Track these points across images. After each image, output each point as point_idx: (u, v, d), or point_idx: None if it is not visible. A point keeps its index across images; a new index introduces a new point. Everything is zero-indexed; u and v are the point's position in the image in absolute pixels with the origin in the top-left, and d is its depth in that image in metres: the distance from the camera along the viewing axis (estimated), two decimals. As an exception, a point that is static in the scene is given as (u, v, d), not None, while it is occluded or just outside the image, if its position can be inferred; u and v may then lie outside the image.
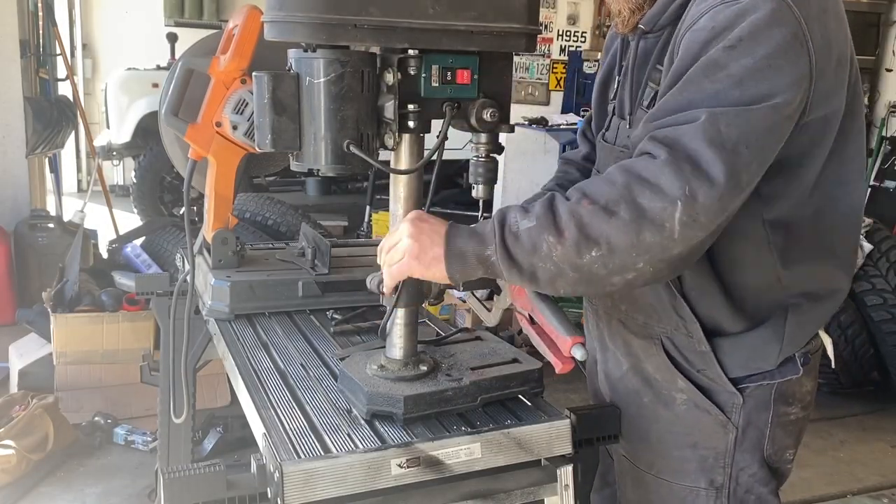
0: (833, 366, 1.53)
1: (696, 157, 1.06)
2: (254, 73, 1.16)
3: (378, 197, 7.03)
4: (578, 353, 1.15)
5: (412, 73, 1.18)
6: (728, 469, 1.37)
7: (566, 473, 1.29)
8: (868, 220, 3.95)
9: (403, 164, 1.26)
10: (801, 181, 1.25)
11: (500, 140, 1.29)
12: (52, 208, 5.77)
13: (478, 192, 1.31)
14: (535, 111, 7.00)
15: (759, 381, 1.34)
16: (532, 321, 1.22)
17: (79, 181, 8.92)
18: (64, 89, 6.04)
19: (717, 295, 1.31)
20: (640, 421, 1.43)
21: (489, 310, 1.31)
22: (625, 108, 1.40)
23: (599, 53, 7.39)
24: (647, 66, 1.33)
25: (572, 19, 7.22)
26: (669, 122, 1.11)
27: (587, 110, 8.37)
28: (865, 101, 1.28)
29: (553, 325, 1.18)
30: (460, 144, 1.35)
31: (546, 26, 7.10)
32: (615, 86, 1.45)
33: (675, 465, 1.40)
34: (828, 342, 1.42)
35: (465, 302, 3.64)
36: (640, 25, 1.32)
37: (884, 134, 6.89)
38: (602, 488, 1.72)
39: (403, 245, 1.20)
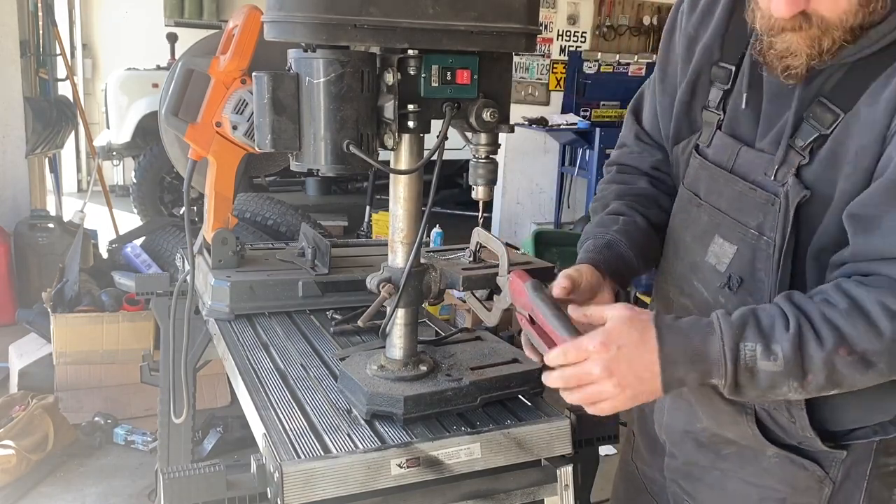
0: None
1: None
2: (254, 73, 1.16)
3: (378, 197, 7.03)
4: None
5: (412, 73, 1.18)
6: None
7: (566, 473, 1.29)
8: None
9: (403, 164, 1.26)
10: None
11: (499, 140, 1.29)
12: (52, 208, 5.78)
13: (478, 193, 1.31)
14: (535, 111, 7.01)
15: (868, 437, 1.20)
16: (532, 321, 1.22)
17: (79, 181, 8.92)
18: (64, 89, 6.04)
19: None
20: (714, 471, 1.30)
21: (489, 310, 1.31)
22: (741, 128, 1.21)
23: (599, 53, 7.41)
24: (797, 95, 1.12)
25: (572, 19, 7.23)
26: None
27: (587, 110, 8.35)
28: None
29: (553, 325, 1.17)
30: (460, 144, 1.34)
31: (546, 26, 7.10)
32: (719, 94, 1.24)
33: None
34: None
35: (465, 302, 3.63)
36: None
37: None
38: None
39: (605, 388, 1.03)
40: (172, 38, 7.09)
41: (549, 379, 1.09)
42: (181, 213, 5.99)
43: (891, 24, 1.04)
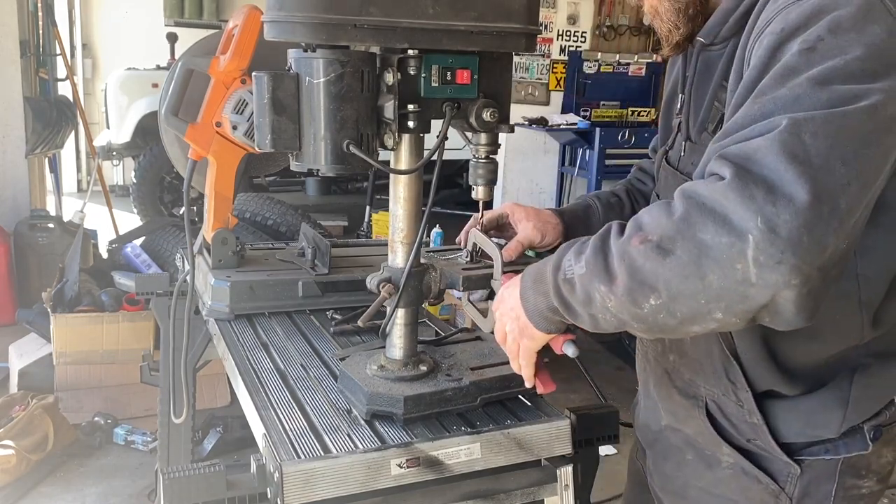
0: None
1: (772, 178, 0.82)
2: (254, 73, 1.16)
3: (378, 197, 7.04)
4: (570, 350, 1.14)
5: (412, 73, 1.18)
6: None
7: (566, 473, 1.29)
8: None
9: (403, 164, 1.26)
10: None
11: (499, 140, 1.29)
12: (52, 208, 5.78)
13: (477, 193, 1.31)
14: (535, 111, 7.01)
15: (819, 455, 1.16)
16: None
17: (79, 181, 8.93)
18: (64, 89, 6.04)
19: (773, 358, 1.14)
20: (679, 475, 1.32)
21: (484, 316, 1.31)
22: (688, 126, 1.25)
23: (599, 53, 7.42)
24: (710, 83, 1.18)
25: (572, 19, 7.23)
26: (740, 137, 0.88)
27: (587, 110, 8.35)
28: None
29: None
30: (460, 144, 1.34)
31: (546, 26, 7.11)
32: (679, 102, 1.29)
33: None
34: None
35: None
36: (699, 38, 1.17)
37: None
38: None
39: (510, 337, 1.16)
40: (172, 38, 7.09)
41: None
42: (181, 213, 5.98)
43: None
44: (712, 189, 0.85)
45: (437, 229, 5.10)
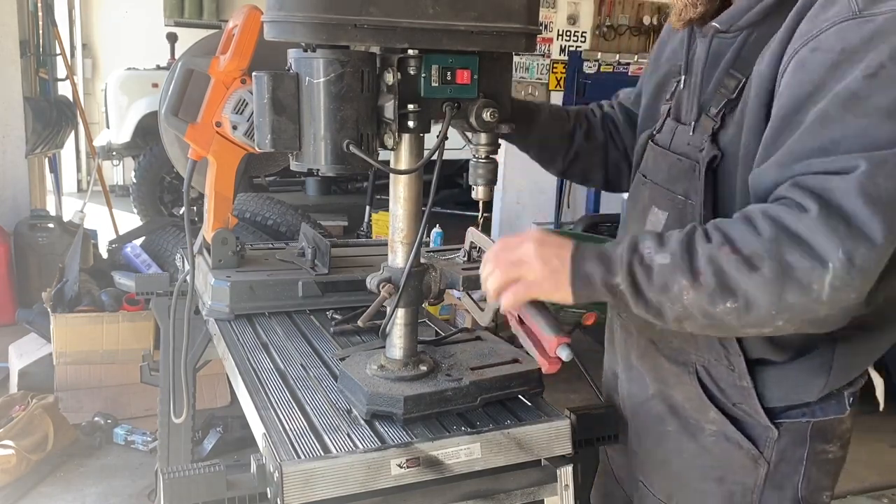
0: (881, 409, 1.39)
1: (853, 216, 0.95)
2: (254, 73, 1.16)
3: (378, 197, 7.03)
4: (564, 354, 1.15)
5: (412, 73, 1.18)
6: None
7: (566, 473, 1.29)
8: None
9: (403, 164, 1.26)
10: None
11: (499, 140, 1.29)
12: (52, 208, 5.78)
13: (477, 193, 1.31)
14: (535, 111, 6.99)
15: (796, 418, 1.26)
16: (521, 321, 1.22)
17: (79, 181, 8.92)
18: (64, 89, 6.04)
19: None
20: (660, 449, 1.37)
21: (483, 310, 1.31)
22: (683, 112, 1.32)
23: (599, 53, 7.41)
24: (716, 70, 1.24)
25: (572, 19, 7.23)
26: (818, 168, 0.99)
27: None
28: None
29: (540, 325, 1.18)
30: (460, 144, 1.34)
31: (546, 26, 7.10)
32: (673, 87, 1.36)
33: (696, 498, 1.34)
34: (878, 383, 1.33)
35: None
36: (714, 24, 1.22)
37: None
38: None
39: (529, 267, 1.13)
40: (172, 38, 7.09)
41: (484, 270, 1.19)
42: (181, 213, 5.98)
43: None
44: (798, 219, 0.97)
45: (437, 229, 5.10)
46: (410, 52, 1.17)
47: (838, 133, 0.99)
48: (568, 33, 7.25)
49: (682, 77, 1.33)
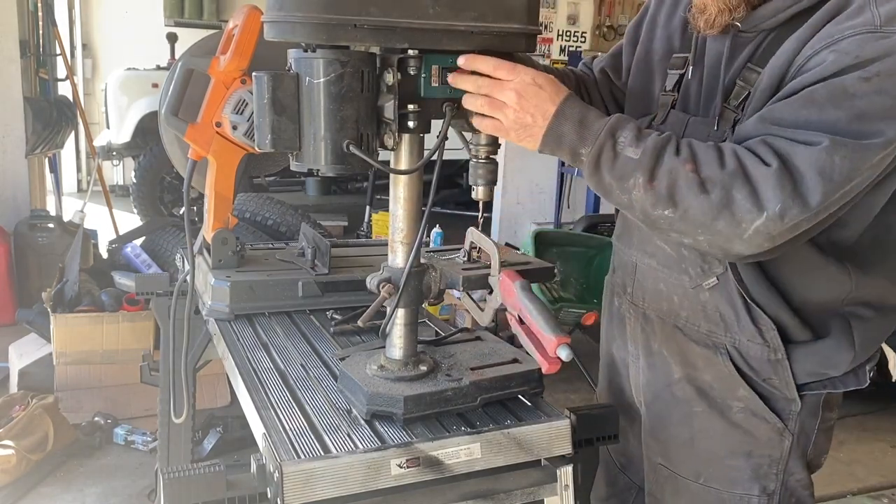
0: (895, 379, 1.53)
1: (801, 180, 1.08)
2: (254, 73, 1.16)
3: (378, 197, 7.03)
4: (564, 354, 1.15)
5: (412, 73, 1.18)
6: (780, 476, 1.38)
7: (566, 473, 1.29)
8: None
9: (403, 164, 1.26)
10: (871, 207, 1.25)
11: (499, 140, 1.29)
12: (52, 208, 5.77)
13: (478, 193, 1.31)
14: (535, 111, 6.99)
15: (817, 390, 1.35)
16: (521, 321, 1.22)
17: (79, 181, 8.92)
18: (64, 89, 6.04)
19: (782, 305, 1.31)
20: (685, 429, 1.42)
21: (482, 310, 1.31)
22: (690, 103, 1.37)
23: (599, 53, 7.42)
24: (732, 65, 1.30)
25: (572, 19, 7.23)
26: (789, 135, 1.11)
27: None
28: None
29: (539, 325, 1.18)
30: (460, 144, 1.34)
31: (546, 26, 7.10)
32: (676, 78, 1.41)
33: (726, 473, 1.40)
34: (891, 356, 1.42)
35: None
36: (736, 23, 1.28)
37: None
38: (608, 497, 1.69)
39: (508, 108, 1.18)
40: (172, 38, 7.09)
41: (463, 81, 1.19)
42: (181, 213, 5.99)
43: None
44: (758, 167, 1.09)
45: (437, 229, 5.10)
46: (410, 52, 1.17)
47: (815, 116, 1.10)
48: (568, 33, 7.25)
49: (688, 69, 1.38)
